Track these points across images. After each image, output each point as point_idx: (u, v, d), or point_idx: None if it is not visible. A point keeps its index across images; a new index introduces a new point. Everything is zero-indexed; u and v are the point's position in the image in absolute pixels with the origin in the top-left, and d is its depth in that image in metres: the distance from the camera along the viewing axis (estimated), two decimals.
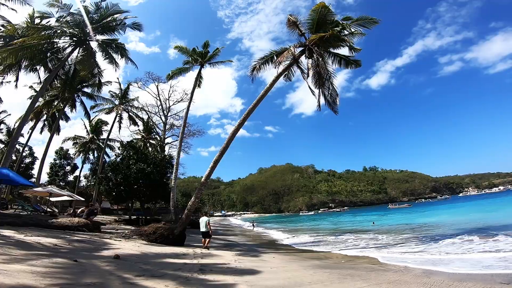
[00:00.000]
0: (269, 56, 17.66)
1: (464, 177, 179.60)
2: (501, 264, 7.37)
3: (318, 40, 15.03)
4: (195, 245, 13.20)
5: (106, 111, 36.51)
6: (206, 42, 23.21)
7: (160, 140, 35.66)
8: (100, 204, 43.01)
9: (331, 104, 15.43)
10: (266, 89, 15.41)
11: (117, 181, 22.78)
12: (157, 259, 7.97)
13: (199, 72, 23.31)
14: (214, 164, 14.01)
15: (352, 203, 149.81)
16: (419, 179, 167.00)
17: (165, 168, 24.85)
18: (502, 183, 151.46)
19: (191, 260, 8.30)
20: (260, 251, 13.77)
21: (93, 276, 4.88)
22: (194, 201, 13.33)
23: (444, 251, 10.07)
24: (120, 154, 26.31)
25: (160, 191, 23.42)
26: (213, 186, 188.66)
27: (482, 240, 11.68)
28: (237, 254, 10.86)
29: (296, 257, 11.46)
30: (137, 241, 11.49)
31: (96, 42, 21.69)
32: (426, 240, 13.88)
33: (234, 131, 14.82)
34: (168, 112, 36.68)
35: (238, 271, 7.14)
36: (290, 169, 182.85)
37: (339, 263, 9.71)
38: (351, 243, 16.05)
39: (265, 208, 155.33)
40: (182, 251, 9.76)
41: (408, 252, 10.91)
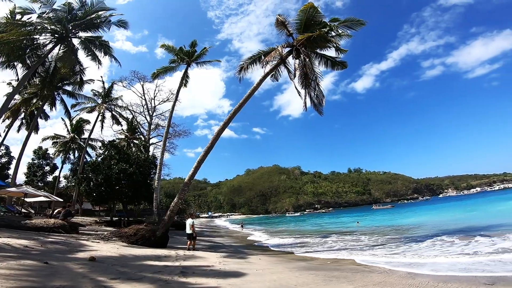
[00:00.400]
0: (256, 56, 17.51)
1: (444, 179, 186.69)
2: (482, 265, 7.47)
3: (305, 41, 15.02)
4: (178, 247, 12.80)
5: (88, 110, 35.25)
6: (194, 41, 22.78)
7: (145, 140, 34.74)
8: (81, 205, 41.57)
9: (316, 105, 15.46)
10: (253, 88, 15.25)
11: (98, 182, 21.94)
12: (136, 262, 7.60)
13: (186, 71, 22.84)
14: (198, 164, 13.68)
15: (337, 204, 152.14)
16: (402, 180, 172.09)
17: (148, 169, 24.19)
18: (479, 185, 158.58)
19: (172, 262, 7.97)
20: (246, 252, 13.54)
21: (63, 279, 4.61)
22: (177, 202, 12.93)
23: (426, 253, 10.16)
24: (101, 154, 25.37)
25: (143, 192, 22.74)
26: (199, 187, 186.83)
27: (463, 241, 11.86)
28: (222, 256, 10.59)
29: (282, 258, 11.32)
30: (116, 243, 11.00)
31: (78, 39, 21.16)
32: (408, 241, 14.03)
33: (219, 130, 14.54)
34: (153, 112, 35.87)
35: (222, 274, 6.90)
36: (277, 170, 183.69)
37: (324, 264, 9.65)
38: (337, 244, 16.10)
39: (252, 209, 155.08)
40: (164, 253, 9.38)
41: (392, 254, 10.98)
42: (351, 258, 10.56)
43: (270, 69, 16.04)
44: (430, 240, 13.28)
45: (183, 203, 44.06)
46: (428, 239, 13.87)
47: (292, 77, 15.33)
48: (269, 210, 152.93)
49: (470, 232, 14.63)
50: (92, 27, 20.96)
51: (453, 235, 14.24)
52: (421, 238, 14.60)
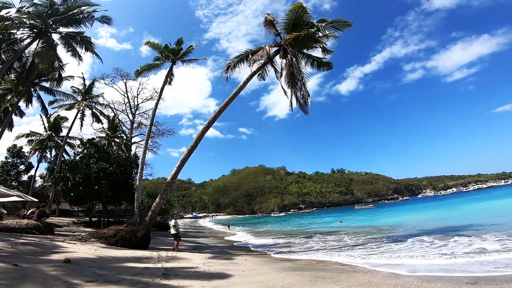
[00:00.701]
0: (244, 55, 17.35)
1: (422, 179, 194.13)
2: (461, 265, 7.63)
3: (293, 40, 15.03)
4: (161, 248, 12.40)
5: (66, 107, 33.84)
6: (180, 39, 22.19)
7: (127, 139, 33.69)
8: (58, 205, 39.81)
9: (302, 105, 15.51)
10: (240, 87, 15.09)
11: (76, 181, 20.95)
12: (115, 263, 7.23)
13: (170, 68, 22.23)
14: (182, 163, 13.34)
15: (321, 204, 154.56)
16: (382, 181, 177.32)
17: (130, 168, 23.38)
18: (455, 185, 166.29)
19: (154, 264, 7.65)
20: (232, 253, 13.33)
21: (34, 281, 4.31)
22: (159, 202, 12.50)
23: (408, 253, 10.29)
24: (80, 153, 24.29)
25: (124, 192, 21.93)
26: (183, 187, 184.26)
27: (442, 242, 12.08)
28: (207, 257, 10.33)
29: (268, 259, 11.22)
30: (95, 244, 10.48)
31: (58, 35, 20.47)
32: (390, 241, 14.23)
33: (204, 129, 14.27)
34: (136, 110, 34.89)
35: (207, 275, 6.68)
36: (262, 170, 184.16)
37: (309, 264, 9.62)
38: (321, 244, 16.20)
39: (238, 210, 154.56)
40: (145, 255, 9.01)
41: (375, 254, 11.10)
42: (335, 259, 10.61)
43: (257, 68, 15.94)
44: (411, 240, 13.55)
45: (165, 203, 43.29)
46: (409, 238, 14.17)
47: (278, 77, 15.31)
48: (255, 210, 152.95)
49: (448, 232, 15.05)
50: (74, 23, 20.33)
51: (432, 234, 14.61)
52: (403, 238, 14.90)
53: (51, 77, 26.68)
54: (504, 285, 5.26)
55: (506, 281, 5.47)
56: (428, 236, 14.27)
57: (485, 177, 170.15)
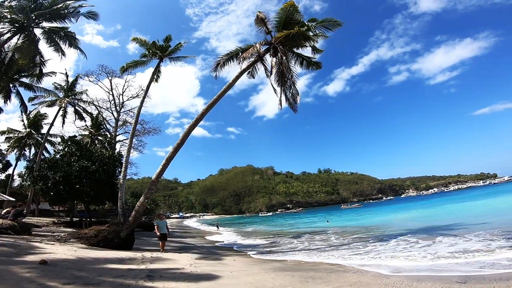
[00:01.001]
0: (234, 53, 17.13)
1: (406, 180, 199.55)
2: (448, 264, 7.68)
3: (284, 38, 14.95)
4: (146, 249, 11.97)
5: (47, 103, 32.53)
6: (168, 36, 21.65)
7: (111, 137, 32.73)
8: (38, 205, 38.21)
9: (291, 103, 15.49)
10: (229, 84, 14.88)
11: (56, 180, 20.02)
12: (95, 265, 6.85)
13: (158, 66, 21.66)
14: (167, 162, 12.97)
15: (308, 203, 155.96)
16: (367, 181, 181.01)
17: (113, 167, 22.58)
18: (437, 186, 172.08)
19: (138, 265, 7.30)
20: (220, 253, 13.05)
21: (6, 284, 4.11)
22: (143, 201, 12.06)
23: (396, 253, 10.29)
24: (60, 150, 23.28)
25: (107, 191, 21.17)
26: (169, 187, 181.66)
27: (426, 242, 12.10)
28: (194, 258, 10.03)
29: (257, 259, 11.04)
30: (74, 245, 9.96)
31: (41, 29, 19.84)
32: (377, 241, 14.33)
33: (191, 126, 13.94)
34: (121, 108, 34.00)
35: (193, 277, 6.42)
36: (250, 170, 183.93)
37: (299, 264, 9.51)
38: (309, 244, 16.19)
39: (225, 210, 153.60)
40: (129, 256, 8.61)
41: (363, 253, 11.12)
42: (323, 259, 10.56)
43: (247, 66, 15.80)
44: (398, 240, 13.57)
45: (150, 203, 42.19)
46: (396, 238, 14.22)
47: (268, 75, 15.21)
48: (243, 210, 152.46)
49: (433, 231, 15.26)
50: (58, 18, 19.63)
51: (418, 234, 14.70)
52: (389, 237, 14.96)
53: (32, 73, 25.68)
54: (494, 283, 5.31)
55: (495, 280, 5.53)
56: (414, 235, 14.36)
57: (465, 178, 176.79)
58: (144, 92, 21.65)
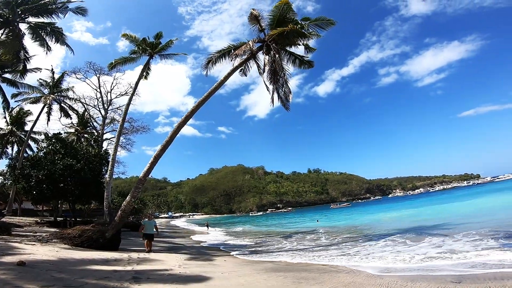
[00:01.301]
0: (226, 50, 16.91)
1: (393, 180, 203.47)
2: (440, 265, 7.61)
3: (277, 36, 14.81)
4: (132, 249, 11.57)
5: (31, 100, 31.37)
6: (159, 33, 21.13)
7: (98, 135, 31.87)
8: (20, 204, 36.72)
9: (284, 101, 15.39)
10: (220, 82, 14.64)
11: (39, 179, 19.21)
12: (78, 266, 6.48)
13: (147, 62, 21.13)
14: (155, 160, 12.61)
15: (298, 203, 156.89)
16: (356, 181, 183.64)
17: (100, 165, 21.89)
18: (423, 186, 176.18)
19: (123, 266, 6.96)
20: (210, 254, 12.75)
21: None
22: (129, 200, 11.64)
23: (387, 254, 10.19)
24: (44, 148, 22.39)
25: (92, 190, 20.48)
26: (158, 186, 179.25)
27: (414, 242, 12.00)
28: (183, 258, 9.72)
29: (249, 259, 10.81)
30: (57, 245, 9.50)
31: (27, 24, 19.30)
32: (367, 240, 14.33)
33: (180, 124, 13.61)
34: (109, 105, 33.09)
35: (182, 279, 6.15)
36: (241, 170, 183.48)
37: (291, 265, 9.35)
38: (300, 244, 16.10)
39: (216, 209, 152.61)
40: (114, 256, 8.23)
41: (355, 253, 11.04)
42: (316, 258, 10.45)
43: (240, 63, 15.61)
44: (385, 240, 13.45)
45: (138, 202, 41.25)
46: (384, 238, 14.13)
47: (261, 72, 15.07)
48: (233, 210, 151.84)
49: (422, 231, 15.27)
50: (45, 13, 19.19)
51: (406, 234, 14.70)
52: (378, 237, 14.92)
53: (15, 69, 24.70)
54: (488, 283, 5.28)
55: (489, 279, 5.50)
56: (404, 235, 14.26)
57: (450, 178, 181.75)
58: (133, 89, 21.12)
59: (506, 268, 6.27)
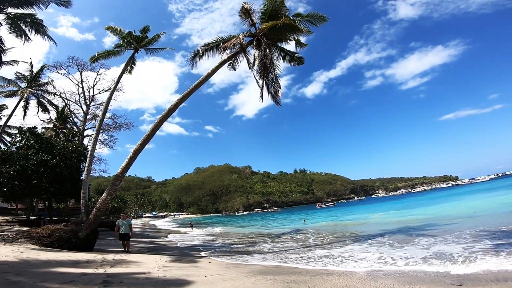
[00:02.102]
0: (214, 43, 16.34)
1: (376, 181, 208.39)
2: (434, 265, 7.42)
3: (268, 30, 14.39)
4: (109, 250, 10.76)
5: (6, 94, 29.50)
6: (146, 26, 20.11)
7: (79, 131, 30.42)
8: None
9: (273, 96, 14.96)
10: (208, 74, 14.08)
11: (10, 175, 17.84)
12: (41, 268, 5.74)
13: (132, 56, 20.13)
14: (134, 155, 11.86)
15: (284, 203, 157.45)
16: (340, 181, 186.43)
17: (77, 161, 20.69)
18: (404, 187, 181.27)
19: (95, 269, 6.25)
20: (193, 255, 12.10)
21: None
22: (105, 198, 10.82)
23: (376, 253, 9.97)
24: (16, 142, 20.92)
25: (69, 188, 19.27)
26: (142, 185, 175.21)
27: (402, 244, 11.72)
28: (163, 260, 9.05)
29: (235, 261, 10.24)
30: (23, 245, 8.60)
31: (5, 15, 18.00)
32: (355, 241, 14.08)
33: (163, 116, 13.04)
34: (91, 101, 31.72)
35: (161, 283, 5.55)
36: (228, 169, 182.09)
37: (280, 267, 8.88)
38: (288, 244, 15.73)
39: (201, 209, 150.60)
40: (86, 258, 7.47)
41: (345, 255, 10.69)
42: (305, 260, 10.04)
43: (229, 56, 15.12)
44: (374, 241, 13.25)
45: (118, 201, 39.59)
46: (373, 239, 13.93)
47: (251, 66, 14.56)
48: (220, 210, 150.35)
49: (410, 232, 15.07)
50: (26, 3, 17.86)
51: (396, 234, 14.54)
52: (367, 238, 14.69)
53: None
54: (491, 284, 5.02)
55: (491, 281, 5.23)
56: (393, 236, 14.02)
57: (430, 180, 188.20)
58: (115, 82, 20.09)
59: (508, 267, 6.05)
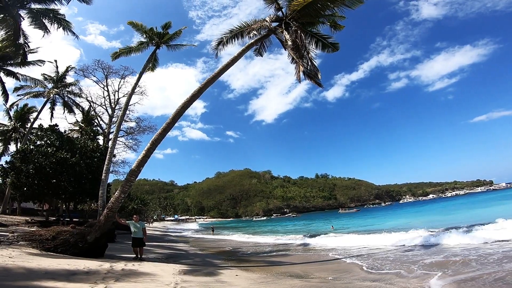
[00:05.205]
0: (239, 30, 14.93)
1: (402, 186, 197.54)
2: None
3: (298, 12, 12.83)
4: (122, 257, 9.36)
5: (33, 94, 30.40)
6: (168, 23, 19.25)
7: (104, 133, 30.60)
8: (20, 203, 35.11)
9: (312, 77, 13.13)
10: (234, 58, 12.66)
11: (29, 173, 17.38)
12: (20, 281, 4.25)
13: (154, 52, 19.30)
14: (152, 146, 10.50)
15: (305, 208, 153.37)
16: (365, 186, 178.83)
17: (99, 161, 19.96)
18: (433, 192, 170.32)
19: (93, 284, 4.66)
20: (217, 264, 10.42)
21: None
22: (118, 196, 9.42)
23: None
24: (36, 140, 20.70)
25: (88, 188, 18.45)
26: (166, 189, 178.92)
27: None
28: (182, 271, 7.44)
29: (268, 272, 8.42)
30: (21, 249, 7.36)
31: (27, 10, 17.86)
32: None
33: (186, 102, 11.66)
34: (116, 104, 31.88)
35: None
36: (248, 174, 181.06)
37: (326, 281, 7.00)
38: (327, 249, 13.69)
39: (222, 213, 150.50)
40: (89, 267, 5.99)
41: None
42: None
43: (256, 40, 13.69)
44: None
45: (138, 202, 39.04)
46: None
47: (285, 44, 13.00)
48: (240, 214, 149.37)
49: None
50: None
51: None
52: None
53: (16, 61, 23.70)
54: None
55: None
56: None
57: (461, 184, 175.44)
58: (137, 78, 19.28)
59: None
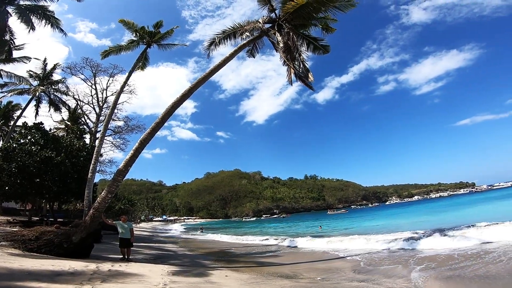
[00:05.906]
0: (231, 31, 14.95)
1: (389, 187, 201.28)
2: None
3: (291, 14, 12.96)
4: (108, 257, 9.19)
5: (18, 91, 29.30)
6: (159, 22, 18.95)
7: (91, 132, 29.94)
8: (1, 203, 33.79)
9: (303, 79, 13.31)
10: (226, 58, 12.63)
11: (11, 172, 16.79)
12: (7, 281, 4.12)
13: (144, 51, 18.97)
14: (141, 145, 10.39)
15: (294, 209, 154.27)
16: (352, 187, 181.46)
17: (85, 160, 19.51)
18: (418, 193, 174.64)
19: (78, 285, 4.57)
20: (206, 265, 10.36)
21: None
22: (105, 196, 9.26)
23: None
24: (20, 138, 20.03)
25: (73, 188, 18.01)
26: (154, 189, 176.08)
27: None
28: (170, 272, 7.37)
29: (258, 273, 8.43)
30: (3, 249, 7.12)
31: (14, 6, 17.44)
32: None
33: (176, 102, 11.63)
34: (104, 103, 31.35)
35: None
36: (238, 174, 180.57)
37: (314, 281, 7.10)
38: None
39: (211, 214, 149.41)
40: (74, 268, 5.85)
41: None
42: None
43: (248, 41, 13.82)
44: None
45: (125, 202, 38.36)
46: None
47: (276, 46, 13.14)
48: (229, 215, 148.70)
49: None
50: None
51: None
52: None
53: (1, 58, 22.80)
54: None
55: None
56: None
57: (445, 186, 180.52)
58: (126, 77, 18.88)
59: None
